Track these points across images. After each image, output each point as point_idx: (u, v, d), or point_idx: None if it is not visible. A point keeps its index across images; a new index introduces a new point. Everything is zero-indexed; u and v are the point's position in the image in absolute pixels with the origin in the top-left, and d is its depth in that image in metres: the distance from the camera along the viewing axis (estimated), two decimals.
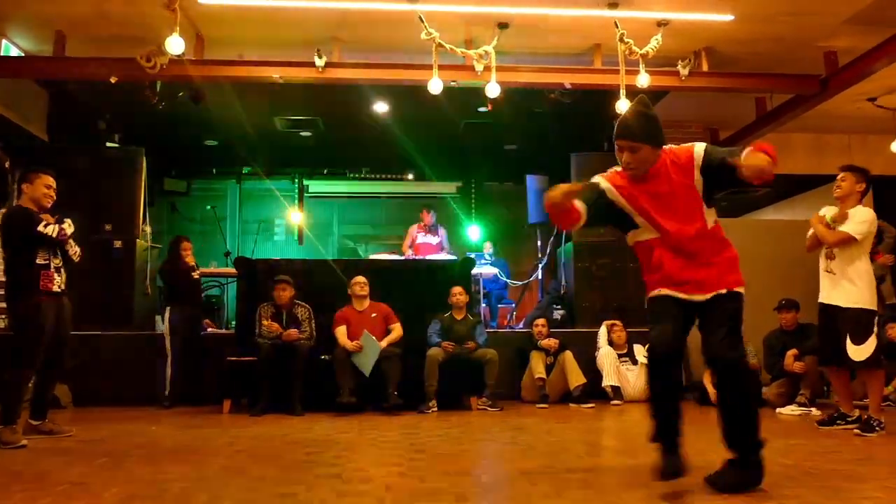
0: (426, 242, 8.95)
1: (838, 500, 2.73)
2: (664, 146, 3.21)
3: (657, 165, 3.17)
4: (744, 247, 8.41)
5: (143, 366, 7.04)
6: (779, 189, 11.00)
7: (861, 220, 4.80)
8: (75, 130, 8.81)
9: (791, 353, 6.47)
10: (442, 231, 9.22)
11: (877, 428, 4.58)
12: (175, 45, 5.90)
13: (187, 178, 11.69)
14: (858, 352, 4.65)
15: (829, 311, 4.90)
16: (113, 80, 6.69)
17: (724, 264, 3.26)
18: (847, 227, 4.79)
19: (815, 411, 6.00)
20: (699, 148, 3.16)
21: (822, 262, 4.99)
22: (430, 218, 9.14)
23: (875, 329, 4.75)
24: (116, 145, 8.87)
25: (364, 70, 6.82)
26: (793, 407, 6.13)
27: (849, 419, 4.92)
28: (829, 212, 5.00)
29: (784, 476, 3.22)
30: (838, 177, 5.07)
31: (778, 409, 6.22)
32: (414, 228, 9.17)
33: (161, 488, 3.03)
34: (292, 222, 12.16)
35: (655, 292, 3.22)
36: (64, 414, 6.04)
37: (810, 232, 5.06)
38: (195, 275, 7.10)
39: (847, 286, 4.80)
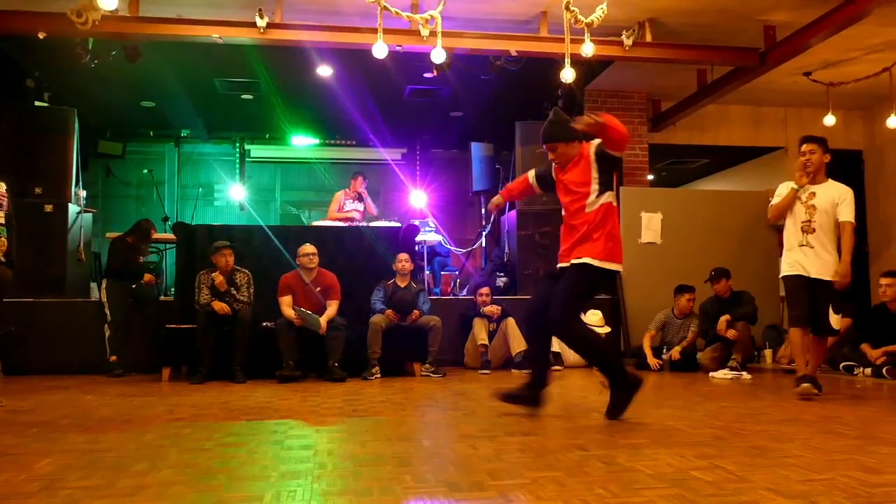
0: (354, 209, 8.87)
1: (765, 459, 2.85)
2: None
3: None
4: (680, 215, 8.69)
5: (77, 334, 6.90)
6: (716, 160, 11.27)
7: (851, 202, 4.83)
8: (1, 88, 8.42)
9: (724, 318, 6.68)
10: (367, 199, 9.08)
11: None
12: (107, 0, 5.66)
13: (123, 140, 11.28)
14: (837, 321, 4.84)
15: (808, 283, 4.83)
16: (41, 35, 6.39)
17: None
18: (848, 217, 4.78)
19: (745, 375, 6.22)
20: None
21: (797, 236, 4.90)
22: (358, 185, 9.00)
23: None
24: (46, 104, 8.50)
25: (307, 32, 6.66)
26: (725, 371, 6.34)
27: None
28: (802, 192, 4.94)
29: (713, 437, 3.34)
30: (806, 149, 4.95)
31: (711, 373, 6.43)
32: (341, 195, 9.06)
33: (96, 458, 2.97)
34: (233, 193, 11.84)
35: None
36: None
37: (776, 200, 5.05)
38: (141, 259, 6.98)
39: (828, 259, 4.81)
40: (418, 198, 10.65)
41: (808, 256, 4.85)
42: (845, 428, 3.60)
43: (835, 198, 4.84)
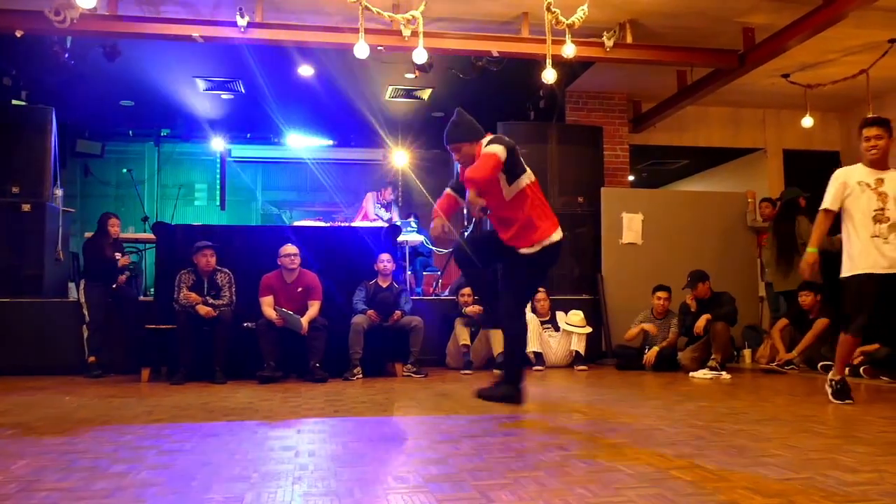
0: (378, 216, 9.00)
1: (744, 458, 2.87)
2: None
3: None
4: (661, 216, 8.72)
5: (55, 334, 6.83)
6: (696, 161, 11.35)
7: None
8: None
9: (705, 317, 6.73)
10: (395, 210, 9.30)
11: None
12: None
13: (102, 139, 11.19)
14: None
15: (882, 282, 4.34)
16: (18, 33, 6.31)
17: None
18: None
19: (725, 375, 6.27)
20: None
21: (868, 227, 4.40)
22: (388, 195, 9.23)
23: None
24: (23, 103, 8.40)
25: (288, 32, 6.63)
26: (704, 371, 6.39)
27: None
28: (869, 177, 4.45)
29: (693, 436, 3.36)
30: (870, 133, 4.43)
31: (691, 373, 6.47)
32: (373, 196, 9.17)
33: (73, 459, 2.94)
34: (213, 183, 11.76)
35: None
36: None
37: (831, 191, 4.48)
38: (118, 255, 6.90)
39: None
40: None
41: (884, 249, 4.35)
42: (823, 427, 3.64)
43: None
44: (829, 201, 4.52)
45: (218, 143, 11.48)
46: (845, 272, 4.51)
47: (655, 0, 6.57)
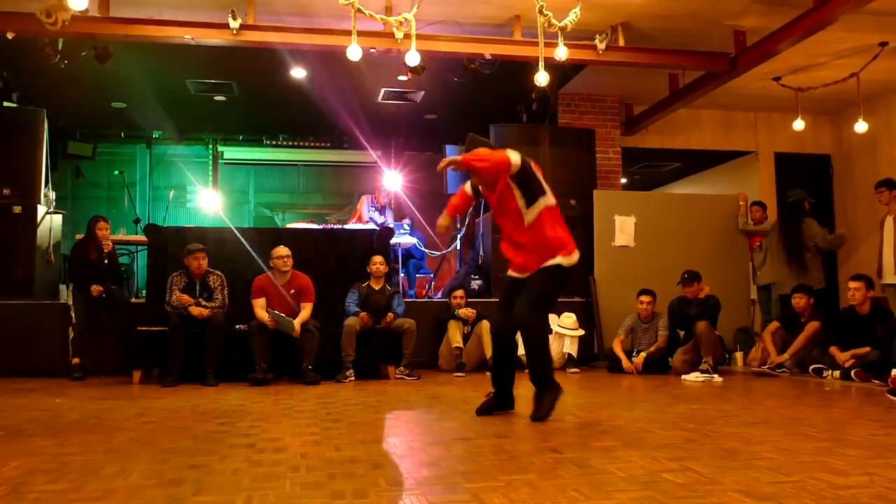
0: (372, 219, 9.00)
1: (735, 461, 2.88)
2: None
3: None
4: (653, 218, 8.74)
5: (46, 336, 6.79)
6: (689, 164, 11.38)
7: None
8: None
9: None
10: (389, 214, 9.29)
11: None
12: (78, 0, 5.57)
13: (93, 141, 11.14)
14: None
15: None
16: (9, 35, 6.28)
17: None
18: None
19: (716, 378, 6.29)
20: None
21: None
22: (382, 198, 9.21)
23: None
24: (15, 104, 8.37)
25: (280, 34, 6.62)
26: (696, 374, 6.40)
27: None
28: None
29: (685, 439, 3.37)
30: None
31: (682, 376, 6.49)
32: (366, 201, 9.16)
33: (64, 461, 2.93)
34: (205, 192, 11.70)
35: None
36: None
37: None
38: (106, 253, 6.82)
39: None
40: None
41: None
42: (814, 430, 3.65)
43: None
44: None
45: (210, 146, 11.45)
46: None
47: (647, 3, 6.59)
